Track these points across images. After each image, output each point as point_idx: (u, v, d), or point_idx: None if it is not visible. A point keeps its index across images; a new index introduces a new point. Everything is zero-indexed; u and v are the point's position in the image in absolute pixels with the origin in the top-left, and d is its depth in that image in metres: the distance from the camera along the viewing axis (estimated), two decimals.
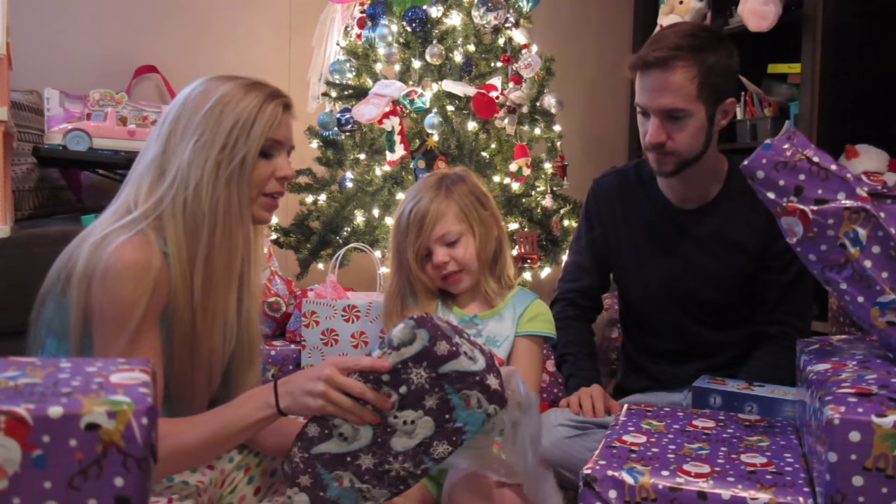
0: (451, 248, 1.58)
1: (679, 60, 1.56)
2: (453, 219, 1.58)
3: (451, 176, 1.65)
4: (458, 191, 1.61)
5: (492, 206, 1.65)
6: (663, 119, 1.59)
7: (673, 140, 1.60)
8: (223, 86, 1.26)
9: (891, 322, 1.13)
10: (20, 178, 2.36)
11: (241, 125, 1.24)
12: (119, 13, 2.82)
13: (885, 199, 1.15)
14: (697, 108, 1.58)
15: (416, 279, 1.61)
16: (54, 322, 1.22)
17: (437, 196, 1.59)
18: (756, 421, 1.37)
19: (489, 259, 1.62)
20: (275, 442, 1.37)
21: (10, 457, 0.78)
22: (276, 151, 1.29)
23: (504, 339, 1.60)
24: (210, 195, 1.23)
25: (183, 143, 1.24)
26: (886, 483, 0.97)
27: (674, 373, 1.78)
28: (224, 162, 1.23)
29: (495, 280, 1.64)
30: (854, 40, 2.83)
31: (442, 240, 1.58)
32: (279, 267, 2.32)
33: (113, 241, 1.17)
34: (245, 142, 1.24)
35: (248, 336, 1.36)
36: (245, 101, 1.25)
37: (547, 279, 2.55)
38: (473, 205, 1.61)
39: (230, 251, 1.26)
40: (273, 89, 1.30)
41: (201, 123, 1.24)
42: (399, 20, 2.45)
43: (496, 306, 1.63)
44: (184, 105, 1.26)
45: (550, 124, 2.54)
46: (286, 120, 1.30)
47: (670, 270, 1.75)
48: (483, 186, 1.67)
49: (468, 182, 1.64)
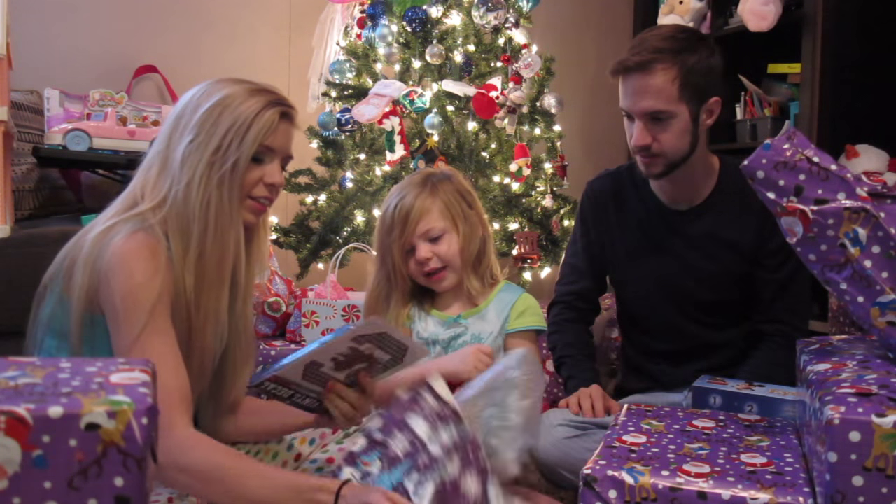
0: (435, 245, 1.58)
1: (658, 63, 1.57)
2: (437, 215, 1.59)
3: (437, 174, 1.66)
4: (444, 188, 1.61)
5: (477, 205, 1.66)
6: (647, 122, 1.61)
7: (659, 142, 1.61)
8: (228, 88, 1.26)
9: (891, 322, 1.13)
10: (20, 178, 2.36)
11: (236, 129, 1.23)
12: (119, 13, 2.82)
13: (885, 199, 1.15)
14: (680, 108, 1.60)
15: (399, 276, 1.61)
16: (54, 319, 1.22)
17: (423, 192, 1.60)
18: (756, 421, 1.37)
19: (472, 257, 1.63)
20: (256, 426, 1.40)
21: (10, 457, 0.78)
22: (269, 158, 1.29)
23: (489, 335, 1.59)
24: (201, 195, 1.23)
25: (181, 141, 1.25)
26: (886, 483, 0.97)
27: (673, 373, 1.78)
28: (217, 163, 1.23)
29: (478, 279, 1.64)
30: (854, 40, 2.83)
31: (425, 236, 1.58)
32: (279, 267, 2.32)
33: (119, 232, 1.18)
34: (238, 146, 1.24)
35: (242, 336, 1.36)
36: (245, 105, 1.25)
37: (547, 279, 2.54)
38: (459, 203, 1.61)
39: (221, 251, 1.25)
40: (276, 97, 1.29)
41: (199, 122, 1.24)
42: (399, 20, 2.45)
43: (479, 305, 1.63)
44: (188, 102, 1.27)
45: (550, 124, 2.54)
46: (284, 128, 1.30)
47: (665, 271, 1.76)
48: (469, 186, 1.68)
49: (454, 181, 1.65)
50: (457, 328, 1.60)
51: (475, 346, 1.55)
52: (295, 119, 1.33)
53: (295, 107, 1.33)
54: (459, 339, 1.59)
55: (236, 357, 1.36)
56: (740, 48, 3.00)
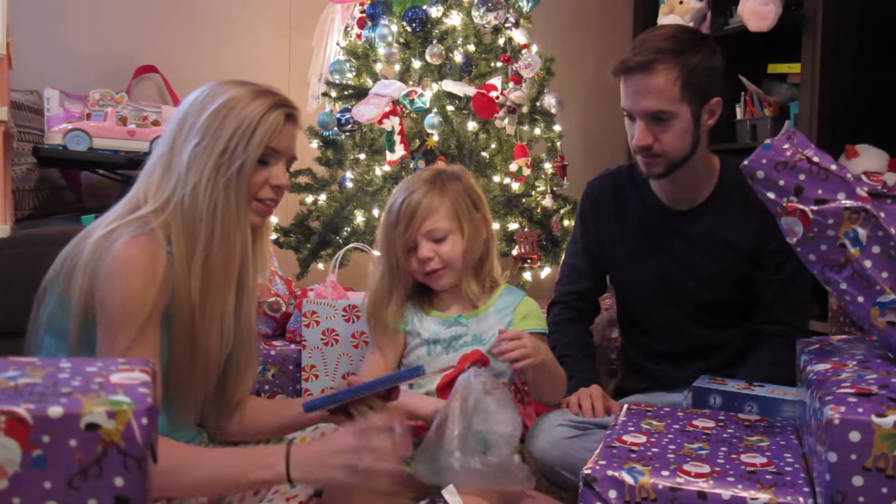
0: (438, 245, 1.57)
1: (660, 63, 1.57)
2: (443, 215, 1.57)
3: (447, 172, 1.64)
4: (453, 188, 1.59)
5: (484, 208, 1.64)
6: (649, 122, 1.61)
7: (660, 142, 1.61)
8: (232, 90, 1.26)
9: (891, 322, 1.13)
10: (20, 178, 2.37)
11: (242, 131, 1.23)
12: (119, 13, 2.82)
13: (885, 199, 1.15)
14: (682, 109, 1.60)
15: (401, 271, 1.60)
16: (54, 319, 1.22)
17: (431, 190, 1.58)
18: (756, 421, 1.37)
19: (474, 261, 1.61)
20: (257, 425, 1.42)
21: (10, 457, 0.78)
22: (274, 160, 1.29)
23: (491, 338, 1.58)
24: (208, 197, 1.23)
25: (186, 144, 1.24)
26: (886, 483, 0.97)
27: (673, 373, 1.78)
28: (223, 166, 1.23)
29: (478, 283, 1.62)
30: (854, 40, 2.83)
31: (429, 235, 1.56)
32: (279, 267, 2.32)
33: (121, 236, 1.17)
34: (245, 148, 1.24)
35: (246, 338, 1.36)
36: (250, 107, 1.25)
37: (547, 279, 2.54)
38: (466, 205, 1.60)
39: (228, 253, 1.25)
40: (280, 98, 1.29)
41: (204, 125, 1.24)
42: (399, 20, 2.45)
43: (480, 307, 1.62)
44: (192, 105, 1.27)
45: (550, 124, 2.54)
46: (289, 130, 1.30)
47: (665, 271, 1.76)
48: (478, 188, 1.66)
49: (464, 181, 1.63)
50: (458, 328, 1.59)
51: None
52: (298, 120, 1.33)
53: (298, 108, 1.33)
54: (461, 339, 1.59)
55: (241, 359, 1.36)
56: (740, 48, 3.01)
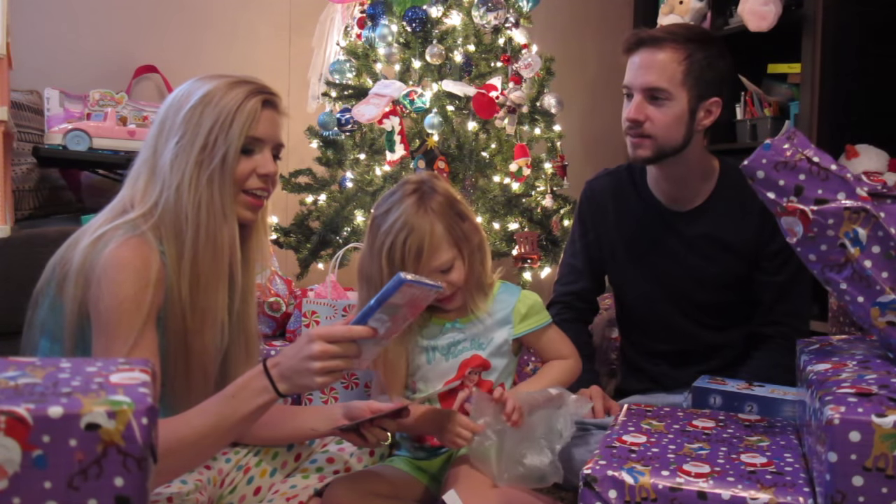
0: (445, 275, 1.51)
1: (670, 42, 1.61)
2: (446, 247, 1.50)
3: (425, 190, 1.51)
4: (440, 208, 1.50)
5: (469, 214, 1.57)
6: (645, 98, 1.63)
7: (651, 121, 1.62)
8: (207, 84, 1.25)
9: (891, 322, 1.13)
10: (20, 178, 2.37)
11: (220, 124, 1.22)
12: (119, 13, 2.82)
13: (885, 199, 1.15)
14: (680, 93, 1.61)
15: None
16: (48, 323, 1.21)
17: (424, 221, 1.47)
18: (756, 421, 1.37)
19: (478, 277, 1.56)
20: (266, 434, 1.38)
21: (10, 457, 0.78)
22: (258, 148, 1.27)
23: (489, 340, 1.57)
24: (192, 195, 1.22)
25: (167, 144, 1.23)
26: (886, 483, 0.97)
27: (673, 374, 1.78)
28: (205, 162, 1.22)
29: (482, 295, 1.57)
30: (854, 40, 2.83)
31: (437, 269, 1.50)
32: (279, 267, 2.32)
33: (111, 239, 1.17)
34: (224, 141, 1.22)
35: (243, 335, 1.35)
36: (226, 98, 1.23)
37: (547, 279, 2.54)
38: (456, 222, 1.52)
39: (214, 251, 1.24)
40: (257, 86, 1.27)
41: (183, 123, 1.23)
42: (399, 20, 2.45)
43: (476, 311, 1.59)
44: (171, 105, 1.26)
45: (550, 124, 2.54)
46: (268, 116, 1.27)
47: (663, 271, 1.75)
48: (452, 189, 1.57)
49: (441, 191, 1.52)
50: (455, 334, 1.57)
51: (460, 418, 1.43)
52: (279, 106, 1.31)
53: (278, 94, 1.31)
54: (459, 344, 1.57)
55: (238, 357, 1.35)
56: (740, 48, 3.00)
